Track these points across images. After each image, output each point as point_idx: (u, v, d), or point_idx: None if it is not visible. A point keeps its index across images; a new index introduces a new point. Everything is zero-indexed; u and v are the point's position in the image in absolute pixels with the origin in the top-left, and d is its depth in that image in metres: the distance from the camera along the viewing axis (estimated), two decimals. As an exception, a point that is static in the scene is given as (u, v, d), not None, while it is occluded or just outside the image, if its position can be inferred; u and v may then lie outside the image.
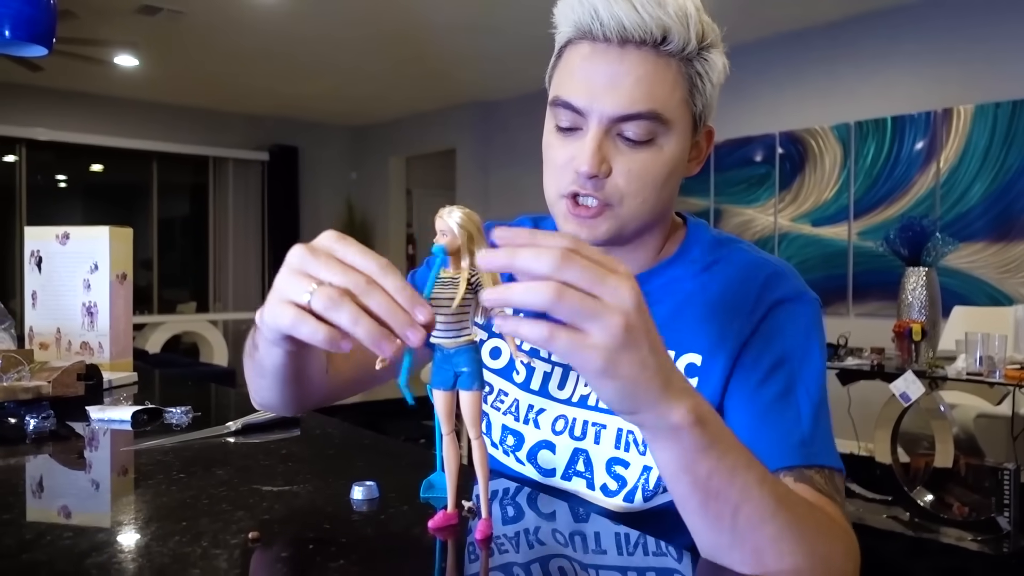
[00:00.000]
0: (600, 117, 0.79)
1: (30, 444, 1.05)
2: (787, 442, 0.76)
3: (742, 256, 0.89)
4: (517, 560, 0.64)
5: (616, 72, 0.78)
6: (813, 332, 0.84)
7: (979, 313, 3.95)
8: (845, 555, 0.70)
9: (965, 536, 3.06)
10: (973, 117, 4.60)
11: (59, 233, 1.65)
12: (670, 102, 0.79)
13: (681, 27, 0.77)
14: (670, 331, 0.85)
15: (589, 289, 0.54)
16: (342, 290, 0.57)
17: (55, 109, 7.15)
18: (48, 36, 1.29)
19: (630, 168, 0.80)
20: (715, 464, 0.61)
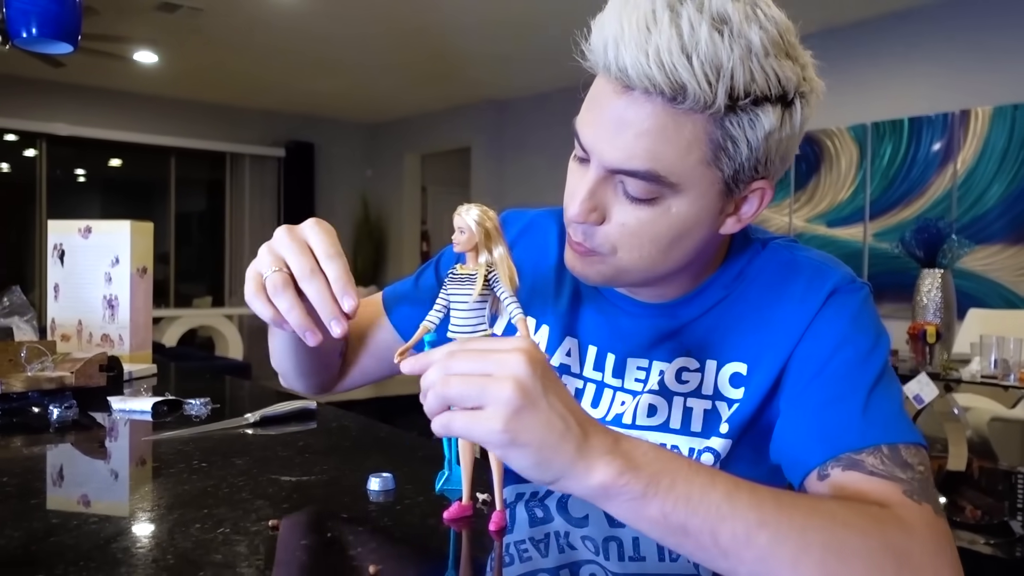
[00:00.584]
0: (599, 163, 0.72)
1: (53, 433, 1.07)
2: (832, 434, 0.71)
3: (781, 256, 0.84)
4: (543, 566, 0.64)
5: (620, 120, 0.69)
6: (861, 317, 0.78)
7: (994, 316, 3.93)
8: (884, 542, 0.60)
9: (978, 539, 3.05)
10: (991, 119, 4.56)
11: (81, 227, 1.67)
12: (680, 164, 0.69)
13: (704, 84, 0.65)
14: (710, 343, 0.82)
15: (477, 371, 0.56)
16: (288, 277, 0.67)
17: (75, 105, 7.22)
18: (74, 34, 1.31)
19: (625, 222, 0.73)
20: (663, 501, 0.57)
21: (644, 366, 0.85)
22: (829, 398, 0.74)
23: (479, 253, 0.65)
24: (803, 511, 0.60)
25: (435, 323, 0.67)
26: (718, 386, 0.81)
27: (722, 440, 0.80)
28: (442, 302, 0.66)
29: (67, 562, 0.59)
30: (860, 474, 0.67)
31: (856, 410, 0.72)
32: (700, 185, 0.71)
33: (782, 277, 0.82)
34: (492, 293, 0.65)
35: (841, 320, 0.78)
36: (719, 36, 0.65)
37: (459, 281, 0.65)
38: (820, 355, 0.76)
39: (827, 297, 0.79)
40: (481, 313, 0.65)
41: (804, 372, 0.76)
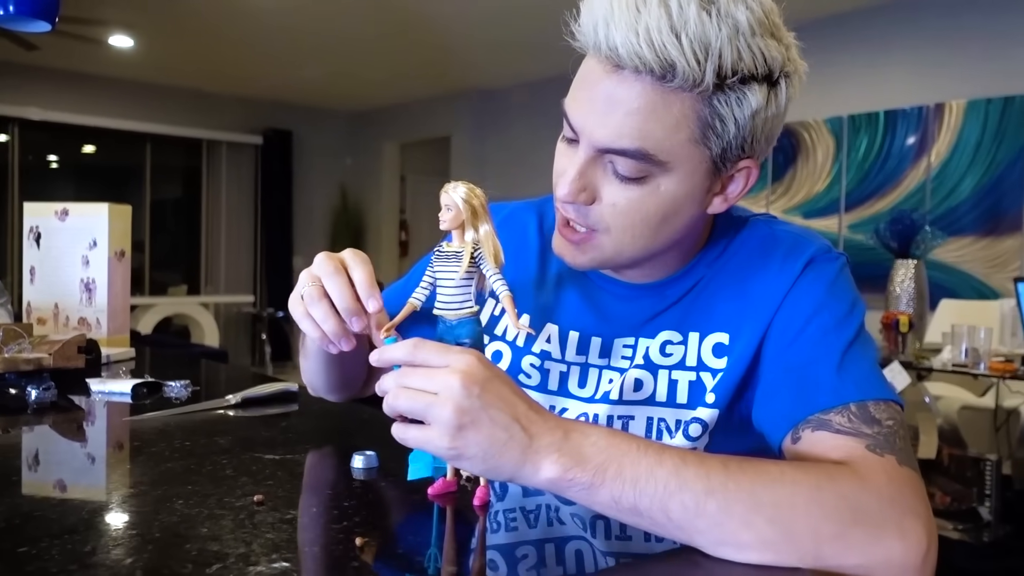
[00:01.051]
0: (588, 143, 0.73)
1: (32, 414, 1.07)
2: (804, 396, 0.73)
3: (760, 230, 0.86)
4: (528, 537, 0.65)
5: (610, 99, 0.71)
6: (837, 284, 0.80)
7: (966, 306, 4.00)
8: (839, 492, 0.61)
9: (947, 525, 3.11)
10: (965, 112, 4.63)
11: (58, 209, 1.66)
12: (668, 142, 0.71)
13: (693, 63, 0.66)
14: (692, 316, 0.84)
15: (424, 388, 0.61)
16: (322, 289, 0.71)
17: (49, 89, 7.11)
18: (51, 12, 1.30)
19: (615, 202, 0.75)
20: (611, 488, 0.60)
21: (631, 343, 0.86)
22: (803, 361, 0.75)
23: (465, 231, 0.66)
24: (751, 474, 0.61)
25: (421, 300, 0.67)
26: (701, 357, 0.83)
27: (709, 410, 0.81)
28: (428, 279, 0.67)
29: (52, 535, 0.59)
30: (827, 433, 0.69)
31: (829, 371, 0.73)
32: (688, 163, 0.73)
33: (762, 250, 0.84)
34: (478, 270, 0.66)
35: (818, 287, 0.79)
36: (707, 15, 0.66)
37: (445, 259, 0.66)
38: (797, 321, 0.78)
39: (804, 266, 0.80)
40: (467, 290, 0.65)
41: (782, 338, 0.78)
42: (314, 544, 0.60)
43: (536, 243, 0.96)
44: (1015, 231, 4.44)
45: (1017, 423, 3.44)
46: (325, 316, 0.71)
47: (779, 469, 0.63)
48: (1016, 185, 4.44)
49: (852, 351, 0.75)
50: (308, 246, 8.73)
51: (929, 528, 0.62)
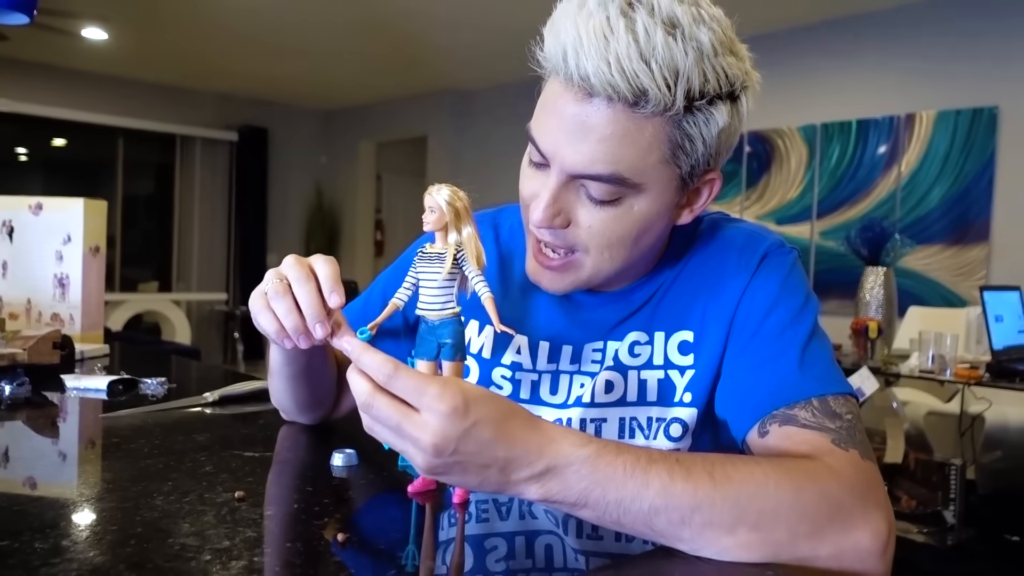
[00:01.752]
0: (560, 168, 0.74)
1: (5, 410, 1.06)
2: (768, 392, 0.75)
3: (716, 229, 0.89)
4: (499, 530, 0.67)
5: (580, 126, 0.71)
6: (791, 279, 0.83)
7: (933, 314, 4.07)
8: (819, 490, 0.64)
9: (912, 528, 3.17)
10: (935, 123, 4.72)
11: (32, 203, 1.64)
12: (641, 165, 0.72)
13: (664, 89, 0.68)
14: (656, 314, 0.86)
15: (394, 430, 0.59)
16: (287, 286, 0.70)
17: (18, 81, 7.00)
18: (30, 5, 1.29)
19: (591, 225, 0.76)
20: (595, 508, 0.62)
21: (600, 347, 0.88)
22: (765, 357, 0.78)
23: (448, 232, 0.66)
24: (737, 482, 0.63)
25: (404, 300, 0.68)
26: (668, 355, 0.85)
27: (688, 409, 0.83)
28: (411, 280, 0.68)
29: (32, 530, 0.59)
30: (794, 427, 0.72)
31: (791, 367, 0.76)
32: (659, 183, 0.75)
33: (720, 248, 0.87)
34: (460, 272, 0.67)
35: (773, 282, 0.83)
36: (673, 40, 0.68)
37: (428, 260, 0.67)
38: (756, 315, 0.81)
39: (760, 261, 0.84)
40: (449, 291, 0.66)
41: (742, 333, 0.81)
42: (296, 540, 0.61)
43: (495, 254, 0.95)
44: (982, 240, 4.53)
45: (981, 429, 3.51)
46: (287, 311, 0.70)
47: (763, 473, 0.64)
48: (983, 195, 4.53)
49: (811, 346, 0.78)
50: (282, 244, 8.67)
51: (889, 518, 0.66)
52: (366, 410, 0.60)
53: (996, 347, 3.03)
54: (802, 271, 0.86)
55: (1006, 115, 4.49)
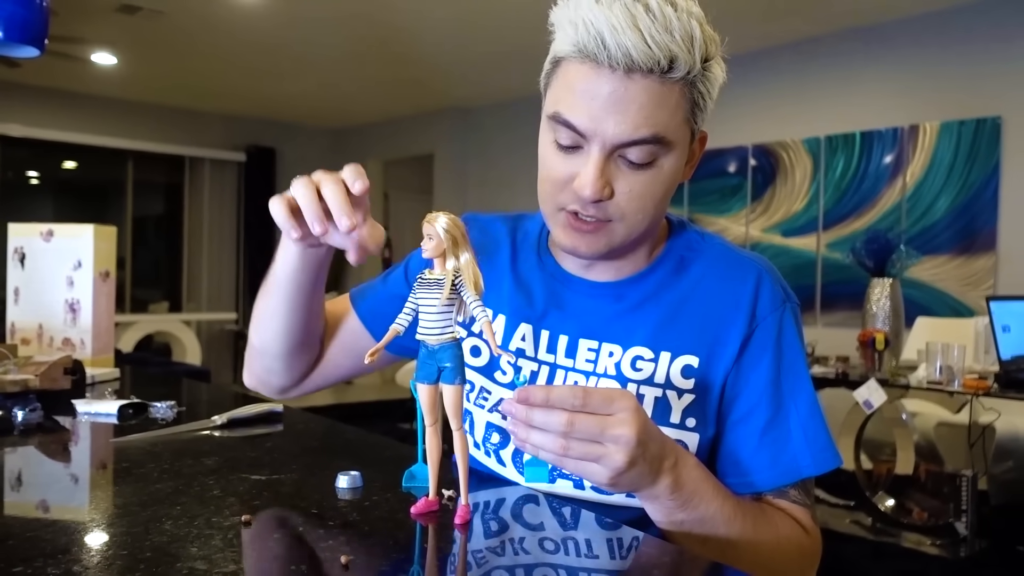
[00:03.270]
0: (603, 142, 0.80)
1: (18, 436, 1.08)
2: (771, 468, 0.87)
3: (726, 253, 0.94)
4: (501, 549, 0.68)
5: (621, 99, 0.78)
6: (796, 339, 0.90)
7: (941, 324, 4.07)
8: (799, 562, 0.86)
9: (924, 540, 3.16)
10: (939, 134, 4.73)
11: (43, 230, 1.67)
12: (671, 124, 0.80)
13: (687, 53, 0.77)
14: (665, 332, 0.89)
15: (594, 439, 0.69)
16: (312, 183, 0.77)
17: (30, 106, 7.09)
18: (40, 38, 1.32)
19: (631, 189, 0.82)
20: (687, 515, 0.77)
21: (594, 347, 0.92)
22: (768, 426, 0.87)
23: (446, 259, 0.68)
24: (763, 535, 0.82)
25: (404, 326, 0.70)
26: (670, 376, 0.88)
27: (691, 435, 0.88)
28: (411, 306, 0.69)
29: (45, 555, 0.61)
30: (786, 501, 0.88)
31: (794, 444, 0.87)
32: (682, 140, 0.84)
33: (731, 275, 0.91)
34: (459, 297, 0.68)
35: (783, 339, 0.90)
36: (680, 14, 0.77)
37: (427, 286, 0.68)
38: (763, 373, 0.88)
39: (773, 310, 0.89)
40: (448, 317, 0.68)
41: (751, 388, 0.88)
42: (301, 563, 0.62)
43: (508, 248, 1.03)
44: (988, 250, 4.53)
45: (992, 439, 3.49)
46: (310, 199, 0.76)
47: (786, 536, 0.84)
48: (989, 205, 4.53)
49: (813, 415, 0.88)
50: (291, 263, 8.71)
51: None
52: (567, 434, 0.68)
53: (1004, 357, 3.03)
54: (801, 323, 0.94)
55: (1009, 125, 4.49)
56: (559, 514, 0.77)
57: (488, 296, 0.97)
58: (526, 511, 0.79)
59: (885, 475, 3.58)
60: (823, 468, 0.86)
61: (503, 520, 0.75)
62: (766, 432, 0.86)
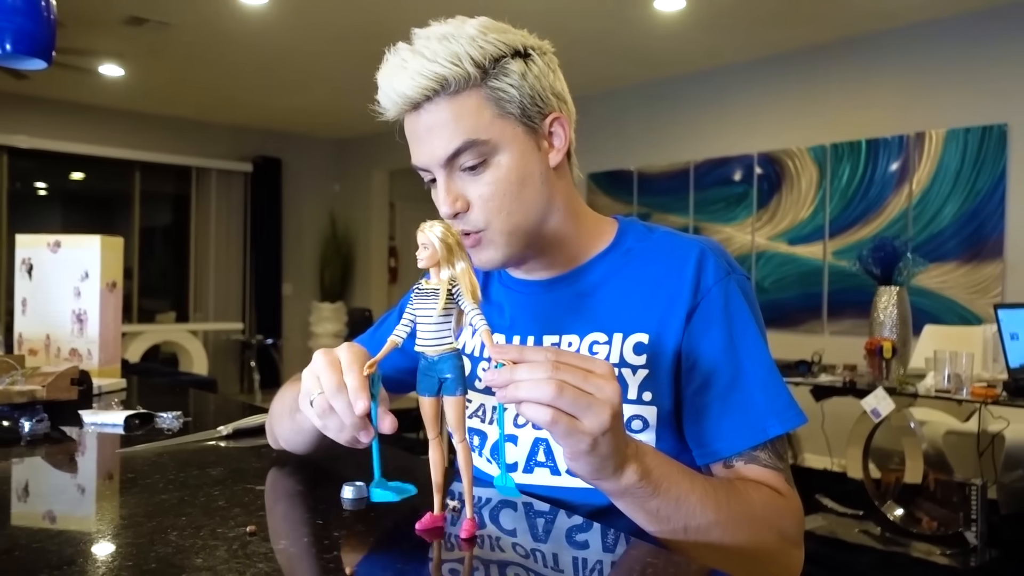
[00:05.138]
0: (436, 165, 0.91)
1: (25, 447, 1.08)
2: (738, 431, 0.88)
3: (670, 239, 0.98)
4: (507, 562, 0.68)
5: (428, 127, 0.90)
6: (745, 307, 0.92)
7: (949, 332, 4.05)
8: (780, 528, 0.85)
9: (934, 550, 3.13)
10: (945, 141, 4.72)
11: (50, 241, 1.68)
12: (480, 125, 0.88)
13: (456, 69, 0.86)
14: (616, 315, 0.94)
15: (580, 386, 0.68)
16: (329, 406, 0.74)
17: (38, 117, 7.13)
18: (48, 51, 1.33)
19: (480, 193, 0.90)
20: (661, 501, 0.77)
21: (555, 341, 0.97)
22: (727, 391, 0.89)
23: (442, 268, 0.68)
24: (740, 512, 0.81)
25: (402, 337, 0.70)
26: (623, 355, 0.92)
27: (649, 408, 0.91)
28: (409, 317, 0.69)
29: (51, 566, 0.61)
30: (756, 466, 0.88)
31: (754, 403, 0.89)
32: (506, 134, 0.90)
33: (675, 256, 0.95)
34: (456, 306, 0.68)
35: (731, 307, 0.92)
36: (447, 41, 0.87)
37: (424, 296, 0.68)
38: (714, 342, 0.90)
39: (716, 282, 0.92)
40: (447, 326, 0.68)
41: (702, 360, 0.90)
42: (306, 573, 0.62)
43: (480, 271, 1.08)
44: (996, 257, 4.51)
45: (1001, 448, 3.47)
46: (337, 430, 0.76)
47: (761, 504, 0.84)
48: (996, 212, 4.52)
49: (769, 378, 0.90)
50: (297, 273, 8.73)
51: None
52: (555, 370, 0.67)
53: (1012, 365, 3.01)
54: (752, 293, 0.96)
55: (1015, 132, 4.49)
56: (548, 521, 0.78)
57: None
58: (523, 520, 0.80)
59: (894, 484, 3.56)
60: (788, 426, 0.88)
61: (505, 530, 0.75)
62: (726, 396, 0.89)
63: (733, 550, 0.80)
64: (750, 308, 0.93)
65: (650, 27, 5.02)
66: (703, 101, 5.91)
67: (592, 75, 6.03)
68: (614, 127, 6.40)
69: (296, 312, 8.65)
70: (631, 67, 5.93)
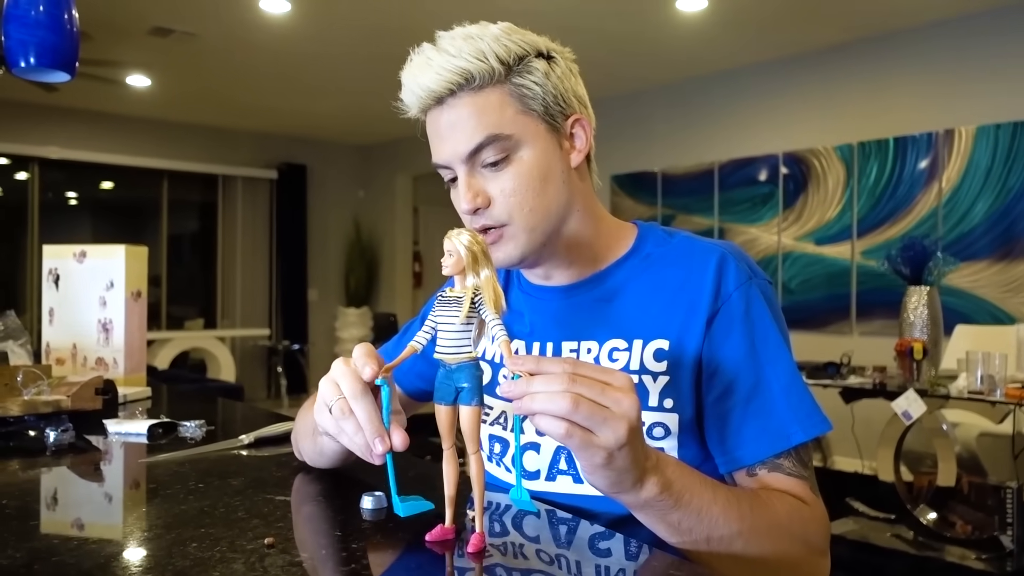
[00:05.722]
0: (458, 161, 0.91)
1: (50, 456, 1.09)
2: (760, 438, 0.87)
3: (690, 243, 0.97)
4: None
5: (450, 123, 0.90)
6: (767, 312, 0.91)
7: (981, 332, 3.97)
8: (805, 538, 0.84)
9: (968, 555, 3.07)
10: (975, 138, 4.64)
11: (76, 251, 1.70)
12: (503, 120, 0.89)
13: (481, 64, 0.88)
14: (636, 321, 0.93)
15: (596, 399, 0.67)
16: (349, 409, 0.74)
17: (67, 128, 7.25)
18: (71, 63, 1.34)
19: (502, 188, 0.90)
20: (683, 513, 0.75)
21: (574, 348, 0.96)
22: (749, 398, 0.88)
23: (466, 276, 0.67)
24: (765, 522, 0.80)
25: (422, 344, 0.69)
26: (644, 362, 0.91)
27: (670, 415, 0.89)
28: (430, 324, 0.69)
29: (69, 580, 0.61)
30: (780, 475, 0.87)
31: (777, 409, 0.87)
32: (528, 130, 0.91)
33: (695, 262, 0.94)
34: (479, 316, 0.68)
35: (753, 312, 0.90)
36: (472, 40, 0.89)
37: (447, 304, 0.68)
38: (735, 349, 0.89)
39: (737, 287, 0.91)
40: (467, 335, 0.67)
41: (724, 365, 0.88)
42: (322, 587, 0.62)
43: (503, 276, 1.10)
44: (1029, 255, 4.43)
45: (1037, 450, 3.40)
46: (354, 434, 0.74)
47: (786, 514, 0.82)
48: (1028, 209, 4.43)
49: (792, 385, 0.88)
50: (322, 278, 8.79)
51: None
52: (571, 383, 0.66)
53: (1047, 366, 2.94)
54: (774, 299, 0.95)
55: (1048, 127, 4.40)
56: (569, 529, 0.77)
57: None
58: (546, 529, 0.78)
59: (926, 487, 3.50)
60: (812, 433, 0.87)
61: (513, 535, 0.74)
62: (749, 403, 0.88)
63: (757, 561, 0.79)
64: (772, 313, 0.91)
65: (672, 28, 4.99)
66: (726, 101, 5.87)
67: (614, 77, 6.01)
68: (637, 129, 6.37)
69: (322, 317, 8.71)
70: (653, 68, 5.90)
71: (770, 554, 0.80)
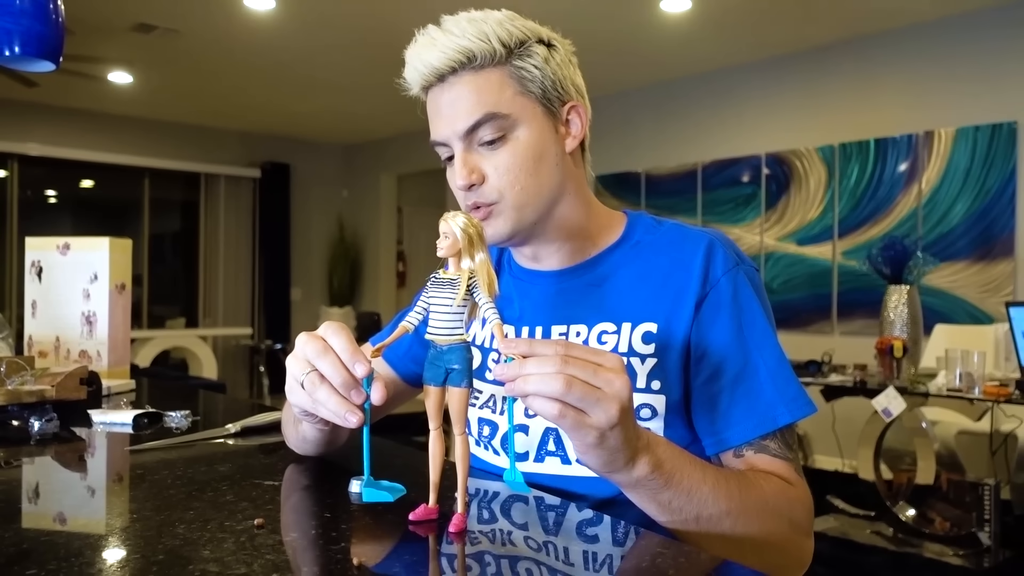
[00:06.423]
0: (455, 138, 0.93)
1: (35, 445, 1.08)
2: (747, 420, 0.89)
3: (679, 230, 1.00)
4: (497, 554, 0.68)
5: (450, 100, 0.93)
6: (754, 298, 0.93)
7: (960, 331, 4.02)
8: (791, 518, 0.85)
9: (947, 551, 3.11)
10: (954, 139, 4.69)
11: (60, 243, 1.68)
12: (502, 100, 0.92)
13: (484, 44, 0.90)
14: (625, 305, 0.95)
15: (589, 380, 0.67)
16: (321, 376, 0.73)
17: (48, 125, 7.18)
18: (56, 53, 1.33)
19: (496, 166, 0.92)
20: (673, 492, 0.77)
21: (563, 331, 0.97)
22: (736, 380, 0.89)
23: (461, 259, 0.68)
24: (753, 500, 0.81)
25: (414, 324, 0.70)
26: (632, 344, 0.93)
27: (658, 397, 0.91)
28: (422, 305, 0.69)
29: (59, 559, 0.61)
30: (766, 456, 0.89)
31: (765, 394, 0.89)
32: (526, 111, 0.93)
33: (684, 247, 0.96)
34: (471, 299, 0.68)
35: (740, 297, 0.92)
36: (475, 22, 0.92)
37: (440, 285, 0.68)
38: (723, 332, 0.91)
39: (725, 273, 0.93)
40: (460, 318, 0.68)
41: (712, 349, 0.90)
42: (313, 564, 0.62)
43: (495, 257, 1.10)
44: (1007, 256, 4.49)
45: (1014, 447, 3.45)
46: (327, 397, 0.72)
47: (772, 494, 0.84)
48: (1006, 210, 4.49)
49: (779, 367, 0.90)
50: (306, 278, 8.76)
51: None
52: (564, 364, 0.67)
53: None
54: (761, 284, 0.96)
55: (1026, 130, 4.46)
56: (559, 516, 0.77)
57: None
58: (527, 516, 0.79)
59: (906, 485, 3.54)
60: (798, 414, 0.88)
61: (501, 522, 0.75)
62: (736, 385, 0.89)
63: (744, 540, 0.80)
64: (759, 298, 0.93)
65: (656, 29, 5.02)
66: (710, 102, 5.91)
67: (598, 77, 6.03)
68: (621, 129, 6.40)
69: (305, 317, 8.67)
70: (637, 69, 5.93)
71: (757, 533, 0.81)
